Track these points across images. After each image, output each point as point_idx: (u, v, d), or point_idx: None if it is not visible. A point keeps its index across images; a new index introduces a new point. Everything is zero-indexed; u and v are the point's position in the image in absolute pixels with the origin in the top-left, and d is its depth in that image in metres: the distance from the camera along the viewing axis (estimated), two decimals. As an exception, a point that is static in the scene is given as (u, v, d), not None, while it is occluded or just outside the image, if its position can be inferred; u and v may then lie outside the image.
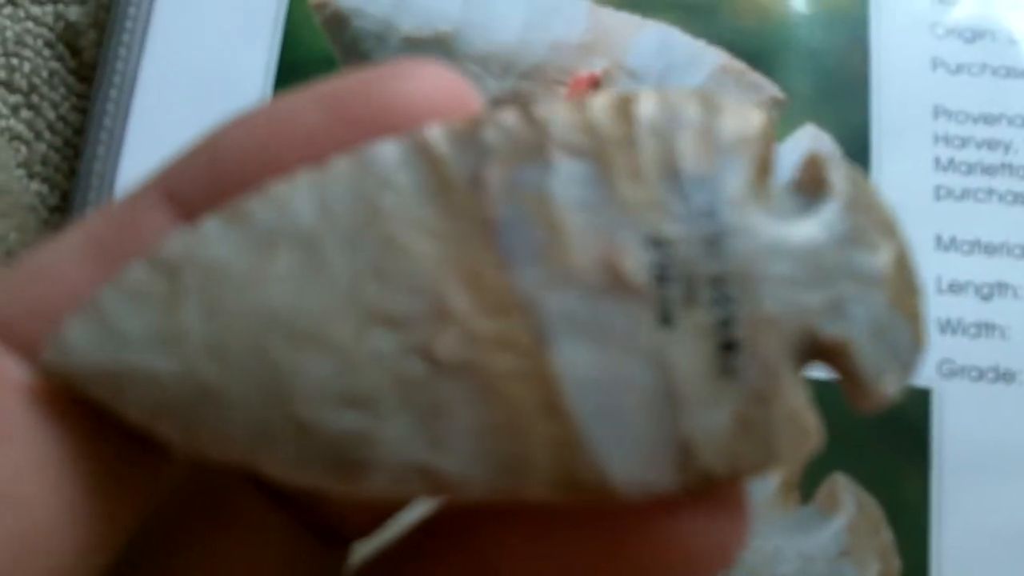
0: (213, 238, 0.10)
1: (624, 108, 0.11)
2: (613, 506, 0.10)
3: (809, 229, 0.11)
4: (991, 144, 0.25)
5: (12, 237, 0.26)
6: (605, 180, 0.10)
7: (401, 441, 0.10)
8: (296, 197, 0.10)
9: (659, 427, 0.10)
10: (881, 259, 0.11)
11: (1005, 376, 0.23)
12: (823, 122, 0.25)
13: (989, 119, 0.25)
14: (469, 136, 0.10)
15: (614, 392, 0.10)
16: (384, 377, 0.10)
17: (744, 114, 0.11)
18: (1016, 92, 0.25)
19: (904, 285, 0.11)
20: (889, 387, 0.11)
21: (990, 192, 0.24)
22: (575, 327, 0.10)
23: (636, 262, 0.10)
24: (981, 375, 0.23)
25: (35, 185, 0.27)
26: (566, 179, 0.10)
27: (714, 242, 0.10)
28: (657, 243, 0.10)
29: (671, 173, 0.10)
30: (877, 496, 0.22)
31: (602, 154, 0.10)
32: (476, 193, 0.10)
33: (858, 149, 0.24)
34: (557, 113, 0.10)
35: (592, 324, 0.10)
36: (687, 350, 0.10)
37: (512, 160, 0.10)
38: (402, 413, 0.10)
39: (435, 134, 0.10)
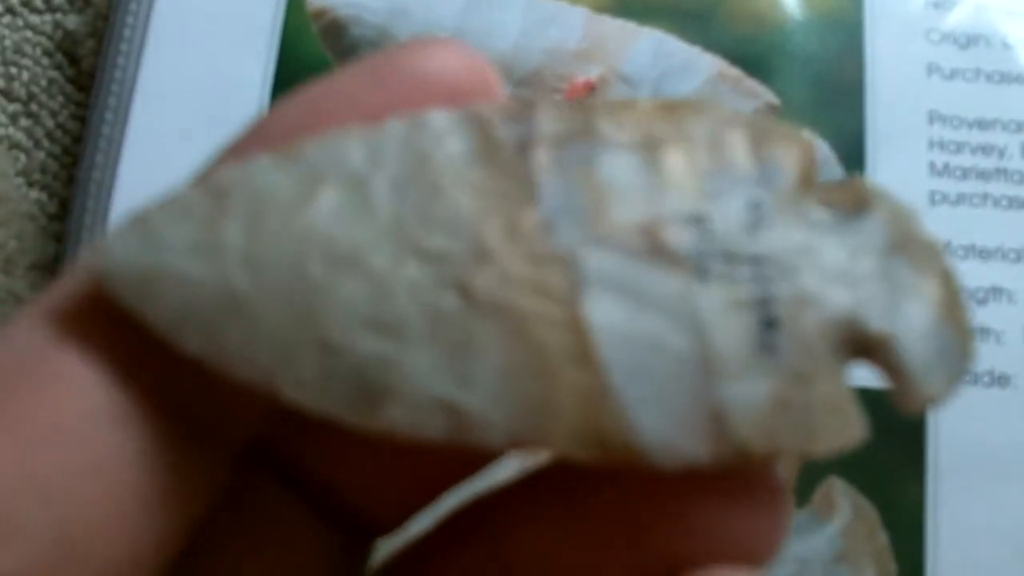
0: (264, 169, 0.10)
1: (675, 106, 0.11)
2: (641, 472, 0.10)
3: (849, 238, 0.11)
4: (986, 149, 0.25)
5: (11, 245, 0.26)
6: (653, 162, 0.11)
7: (427, 372, 0.10)
8: (348, 143, 0.10)
9: (693, 392, 0.10)
10: (929, 283, 0.11)
11: (1000, 380, 0.23)
12: (819, 128, 0.25)
13: (984, 124, 0.25)
14: (520, 113, 0.11)
15: (648, 351, 0.10)
16: (417, 307, 0.10)
17: (792, 128, 0.11)
18: (1010, 97, 0.25)
19: (952, 300, 0.11)
20: (935, 389, 0.11)
21: (985, 197, 0.24)
22: (612, 284, 0.10)
23: (677, 233, 0.10)
24: (976, 379, 0.23)
25: (34, 193, 0.27)
26: (614, 156, 0.11)
27: (756, 227, 0.11)
28: (699, 220, 0.10)
29: (719, 163, 0.11)
30: (873, 500, 0.23)
31: (652, 140, 0.11)
32: (523, 159, 0.10)
33: (854, 154, 0.25)
34: (605, 108, 0.11)
35: (629, 284, 0.10)
36: (726, 320, 0.10)
37: (562, 136, 0.11)
38: (431, 345, 0.10)
39: (487, 107, 0.11)
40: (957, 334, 0.11)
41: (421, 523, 0.12)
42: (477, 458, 0.12)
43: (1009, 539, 0.22)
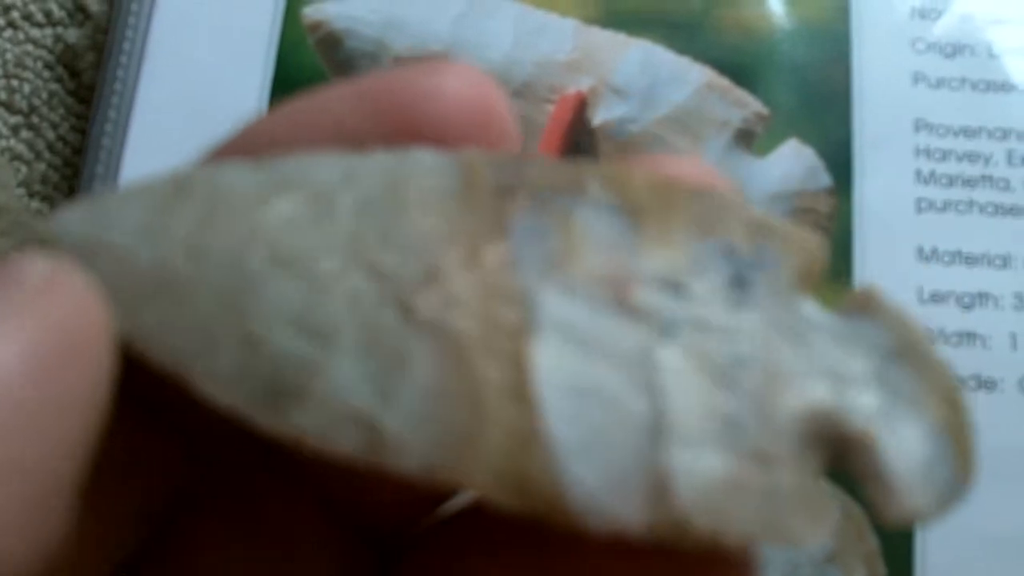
0: (232, 170, 0.10)
1: (668, 185, 0.10)
2: (559, 527, 0.09)
3: (840, 339, 0.10)
4: (971, 157, 0.25)
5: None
6: (637, 226, 0.10)
7: (347, 382, 0.09)
8: (324, 163, 0.10)
9: (637, 452, 0.09)
10: (929, 408, 0.10)
11: (987, 384, 0.24)
12: (806, 136, 0.25)
13: (969, 132, 0.25)
14: (511, 162, 0.10)
15: (594, 402, 0.09)
16: (351, 316, 0.09)
17: (801, 232, 0.11)
18: (995, 105, 0.25)
19: (957, 424, 0.10)
20: (917, 503, 0.10)
21: (971, 204, 0.25)
22: (567, 329, 0.09)
23: (648, 292, 0.10)
24: (963, 383, 0.24)
25: (35, 204, 0.27)
26: (596, 211, 0.10)
27: (738, 305, 0.10)
28: (676, 287, 0.10)
29: (710, 240, 0.10)
30: (862, 503, 0.23)
31: (640, 211, 0.10)
32: (502, 200, 0.10)
33: (840, 163, 0.25)
34: (596, 177, 0.10)
35: (587, 332, 0.10)
36: (687, 382, 0.09)
37: (547, 186, 0.10)
38: (358, 355, 0.09)
39: (478, 152, 0.10)
40: (955, 455, 0.10)
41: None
42: None
43: (998, 540, 0.23)
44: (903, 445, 0.10)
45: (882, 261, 0.24)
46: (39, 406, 0.09)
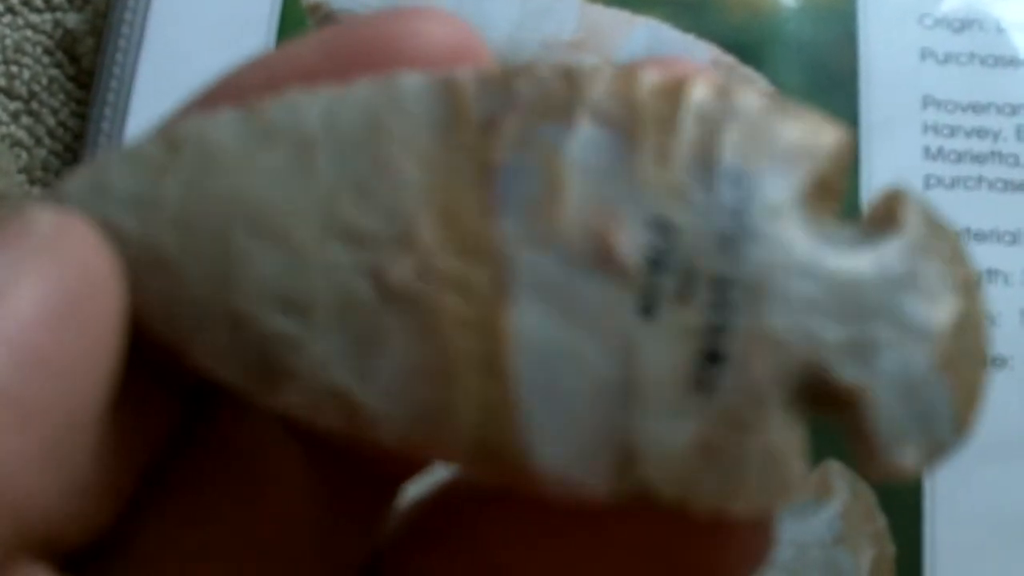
0: (221, 124, 0.10)
1: (674, 90, 0.10)
2: (531, 494, 0.09)
3: (857, 261, 0.10)
4: (980, 132, 0.25)
5: (14, 242, 0.26)
6: (627, 153, 0.10)
7: (327, 358, 0.09)
8: (309, 103, 0.10)
9: (604, 420, 0.09)
10: (939, 313, 0.09)
11: (997, 362, 0.23)
12: (813, 114, 0.25)
13: (978, 108, 0.25)
14: (500, 83, 0.10)
15: (566, 369, 0.09)
16: (329, 291, 0.09)
17: (816, 125, 0.10)
18: (1004, 80, 0.25)
19: (962, 351, 0.10)
20: (907, 459, 0.09)
21: (979, 180, 0.25)
22: (543, 292, 0.09)
23: (631, 240, 0.09)
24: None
25: (36, 191, 0.27)
26: (585, 142, 0.10)
27: (731, 242, 0.09)
28: (662, 226, 0.09)
29: (703, 161, 0.10)
30: (870, 482, 0.23)
31: (633, 128, 0.10)
32: (487, 136, 0.10)
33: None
34: (599, 79, 0.10)
35: (563, 294, 0.09)
36: (662, 348, 0.09)
37: (536, 113, 0.10)
38: (336, 331, 0.09)
39: (465, 74, 0.10)
40: (953, 395, 0.09)
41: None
42: None
43: (1007, 520, 0.23)
44: (891, 388, 0.09)
45: (890, 239, 0.24)
46: (56, 350, 0.09)
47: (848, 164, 0.10)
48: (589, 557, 0.11)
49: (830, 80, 0.25)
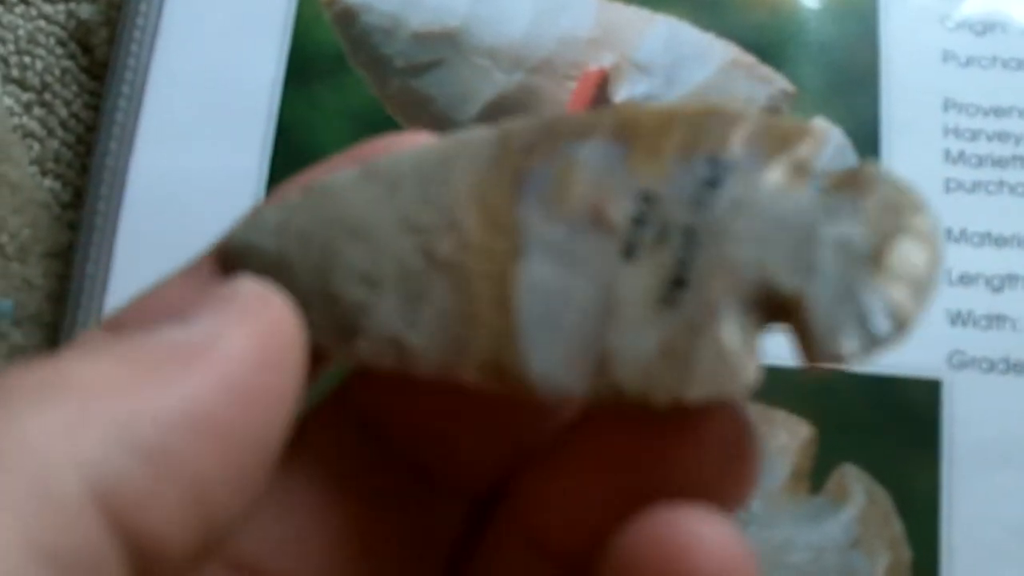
0: (341, 173, 0.13)
1: (672, 113, 0.13)
2: (525, 401, 0.12)
3: (806, 197, 0.12)
4: (1002, 136, 0.25)
5: (25, 233, 0.26)
6: (628, 150, 0.12)
7: (387, 315, 0.12)
8: (407, 154, 0.13)
9: (586, 337, 0.12)
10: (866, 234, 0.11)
11: (1016, 367, 0.23)
12: (833, 115, 0.25)
13: (999, 112, 0.25)
14: (542, 123, 0.13)
15: (559, 301, 0.12)
16: (394, 268, 0.12)
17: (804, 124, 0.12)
18: (1026, 84, 0.25)
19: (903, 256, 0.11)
20: (842, 347, 0.11)
21: (1000, 184, 0.24)
22: (550, 249, 0.12)
23: (620, 208, 0.12)
24: (992, 366, 0.23)
25: (48, 182, 0.27)
26: (593, 149, 0.12)
27: (701, 201, 0.12)
28: (647, 198, 0.12)
29: (692, 152, 0.12)
30: (887, 487, 0.22)
31: (635, 138, 0.12)
32: (524, 157, 0.13)
33: (868, 142, 0.24)
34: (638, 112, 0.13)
35: (564, 250, 0.12)
36: (637, 280, 0.12)
37: (562, 137, 0.13)
38: (395, 294, 0.12)
39: (518, 121, 0.13)
40: (889, 301, 0.11)
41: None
42: (532, 413, 0.13)
43: (1023, 527, 0.22)
44: (828, 290, 0.11)
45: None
46: (262, 392, 0.11)
47: (822, 139, 0.12)
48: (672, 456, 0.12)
49: (850, 81, 0.25)
